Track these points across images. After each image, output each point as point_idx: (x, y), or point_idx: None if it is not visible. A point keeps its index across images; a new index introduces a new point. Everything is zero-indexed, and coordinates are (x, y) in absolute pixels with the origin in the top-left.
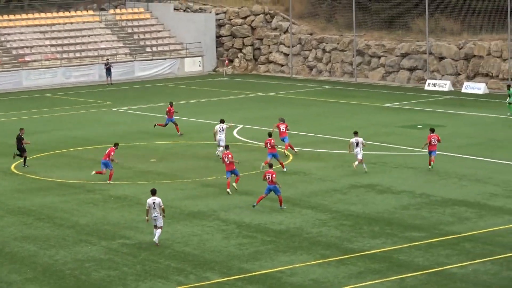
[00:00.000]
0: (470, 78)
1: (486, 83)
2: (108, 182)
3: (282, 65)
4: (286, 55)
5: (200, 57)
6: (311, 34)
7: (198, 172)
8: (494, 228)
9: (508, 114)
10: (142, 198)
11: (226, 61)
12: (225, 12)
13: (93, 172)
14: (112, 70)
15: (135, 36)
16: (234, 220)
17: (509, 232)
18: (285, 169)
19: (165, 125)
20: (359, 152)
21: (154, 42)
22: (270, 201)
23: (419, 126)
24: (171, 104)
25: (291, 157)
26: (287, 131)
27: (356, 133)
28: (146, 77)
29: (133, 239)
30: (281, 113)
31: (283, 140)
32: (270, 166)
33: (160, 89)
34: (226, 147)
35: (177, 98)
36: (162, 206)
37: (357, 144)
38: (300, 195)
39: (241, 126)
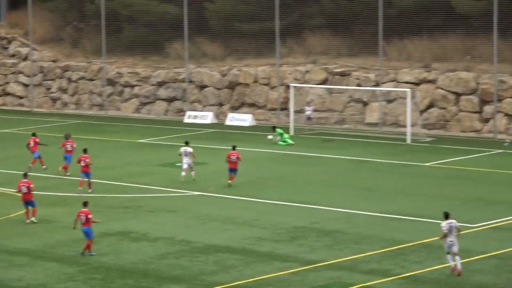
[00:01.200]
0: (235, 109)
1: (253, 114)
2: None
3: (21, 97)
4: (26, 85)
5: None
6: (54, 61)
7: None
8: (262, 277)
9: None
10: None
11: None
12: None
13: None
14: None
15: None
16: None
17: (278, 281)
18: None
19: None
20: (189, 161)
21: None
22: (8, 254)
23: (178, 164)
24: None
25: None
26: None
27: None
28: None
29: None
30: (20, 153)
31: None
32: (85, 204)
33: None
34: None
35: None
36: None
37: (186, 154)
38: (43, 246)
39: None
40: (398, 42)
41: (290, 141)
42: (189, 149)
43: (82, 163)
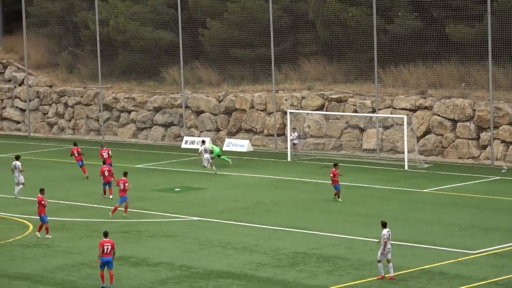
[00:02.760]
0: (232, 134)
1: (249, 139)
2: None
3: (18, 122)
4: (23, 110)
5: None
6: (50, 86)
7: None
8: None
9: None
10: None
11: None
12: None
13: None
14: None
15: None
16: None
17: None
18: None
19: None
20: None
21: None
22: (8, 278)
23: (177, 189)
24: None
25: (30, 228)
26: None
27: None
28: None
29: None
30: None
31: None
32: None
33: None
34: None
35: None
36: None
37: (205, 151)
38: (42, 271)
39: None
40: (394, 68)
41: (228, 159)
42: (208, 146)
43: (121, 186)
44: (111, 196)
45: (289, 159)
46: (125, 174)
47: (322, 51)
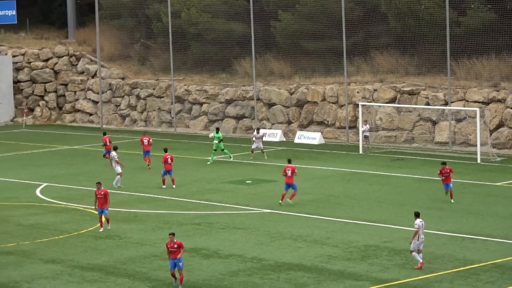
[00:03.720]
0: (303, 127)
1: (321, 132)
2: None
3: (90, 114)
4: (95, 102)
5: None
6: (123, 78)
7: None
8: None
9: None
10: None
11: (26, 110)
12: (23, 54)
13: None
14: None
15: None
16: None
17: None
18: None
19: None
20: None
21: None
22: (81, 269)
23: (248, 182)
24: None
25: (103, 219)
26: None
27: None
28: None
29: None
30: (92, 169)
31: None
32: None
33: None
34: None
35: None
36: None
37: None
38: (114, 262)
39: (45, 184)
40: (466, 61)
41: (228, 153)
42: (261, 133)
43: (169, 161)
44: (173, 186)
45: (360, 151)
46: (165, 150)
47: (395, 43)
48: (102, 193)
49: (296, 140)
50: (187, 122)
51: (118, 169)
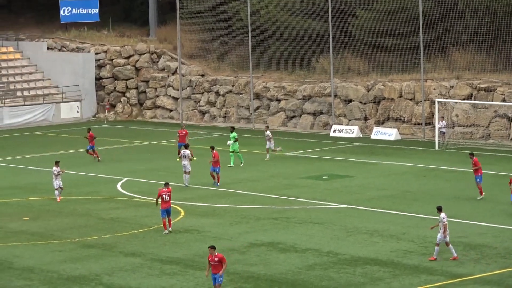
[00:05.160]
0: (380, 123)
1: (397, 128)
2: None
3: (171, 110)
4: (175, 99)
5: (78, 102)
6: (202, 75)
7: (78, 231)
8: None
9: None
10: (14, 261)
11: (108, 106)
12: (105, 52)
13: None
14: None
15: (4, 79)
16: (119, 285)
17: None
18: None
19: None
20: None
21: (25, 85)
22: (160, 262)
23: (325, 177)
24: None
25: (182, 213)
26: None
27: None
28: (16, 125)
29: None
30: (171, 164)
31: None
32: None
33: (33, 138)
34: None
35: (52, 148)
36: None
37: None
38: (193, 256)
39: (126, 179)
40: None
41: (241, 158)
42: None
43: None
44: (218, 184)
45: (437, 147)
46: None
47: (471, 40)
48: (168, 193)
49: (373, 136)
50: (265, 118)
51: (189, 167)
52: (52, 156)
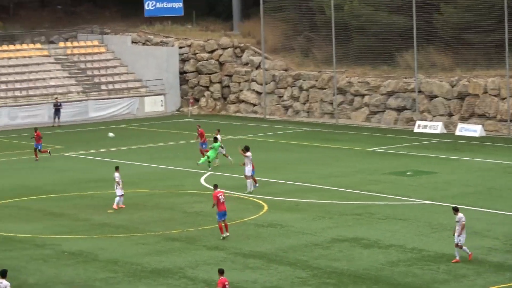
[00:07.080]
0: (464, 119)
1: (482, 124)
2: None
3: (254, 105)
4: (259, 93)
5: (162, 96)
6: (286, 70)
7: (162, 224)
8: (494, 287)
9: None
10: (99, 253)
11: (191, 100)
12: (189, 46)
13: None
14: (62, 110)
15: (89, 72)
16: (202, 278)
17: None
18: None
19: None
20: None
21: (110, 79)
22: (243, 256)
23: (409, 173)
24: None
25: (265, 208)
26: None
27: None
28: (101, 118)
29: None
30: (255, 158)
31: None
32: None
33: (117, 132)
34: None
35: (137, 142)
36: None
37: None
38: (276, 250)
39: (209, 173)
40: None
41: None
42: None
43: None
44: (256, 185)
45: None
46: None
47: None
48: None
49: (457, 133)
50: (349, 114)
51: (246, 171)
52: (136, 149)
